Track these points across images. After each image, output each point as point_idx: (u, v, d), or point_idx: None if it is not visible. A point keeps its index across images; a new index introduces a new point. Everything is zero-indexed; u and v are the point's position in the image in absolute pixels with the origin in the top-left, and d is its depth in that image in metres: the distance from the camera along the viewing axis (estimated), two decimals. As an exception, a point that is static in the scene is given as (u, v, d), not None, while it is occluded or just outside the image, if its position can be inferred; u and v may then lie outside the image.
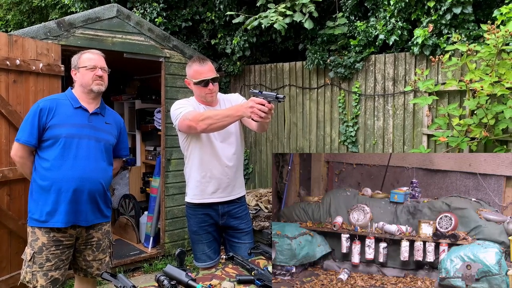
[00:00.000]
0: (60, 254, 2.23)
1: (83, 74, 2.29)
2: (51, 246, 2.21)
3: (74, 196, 2.21)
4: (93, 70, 2.29)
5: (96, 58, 2.33)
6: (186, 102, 2.36)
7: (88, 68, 2.28)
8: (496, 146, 2.77)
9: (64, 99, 2.30)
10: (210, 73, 2.33)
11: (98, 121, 2.35)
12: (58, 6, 7.06)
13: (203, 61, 2.35)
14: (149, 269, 4.14)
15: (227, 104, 2.43)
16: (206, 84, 2.31)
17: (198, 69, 2.33)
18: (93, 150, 2.28)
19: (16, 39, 2.95)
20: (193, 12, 4.77)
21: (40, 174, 2.22)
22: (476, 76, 2.65)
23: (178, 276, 1.77)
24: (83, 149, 2.24)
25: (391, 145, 3.60)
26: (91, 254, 2.37)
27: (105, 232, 2.43)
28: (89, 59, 2.31)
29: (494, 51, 2.61)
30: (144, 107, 5.18)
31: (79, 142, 2.23)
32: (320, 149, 4.15)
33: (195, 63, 2.35)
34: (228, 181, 2.41)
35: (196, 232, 2.46)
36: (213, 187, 2.39)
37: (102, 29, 3.72)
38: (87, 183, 2.24)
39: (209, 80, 2.31)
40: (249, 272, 1.97)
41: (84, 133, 2.26)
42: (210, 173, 2.37)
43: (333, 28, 3.84)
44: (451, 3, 3.11)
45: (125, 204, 5.02)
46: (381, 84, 3.65)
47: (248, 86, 4.81)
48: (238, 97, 2.51)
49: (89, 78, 2.28)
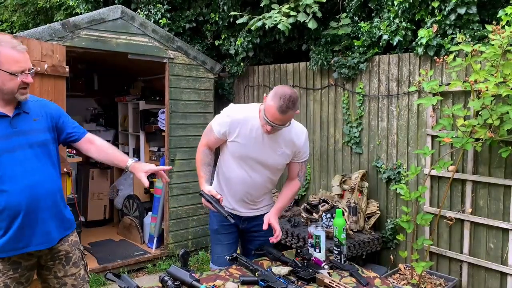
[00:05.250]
0: (19, 278, 1.87)
1: (4, 80, 1.73)
2: (8, 270, 1.84)
3: (24, 221, 1.81)
4: (20, 76, 1.75)
5: (23, 59, 1.76)
6: (228, 121, 2.19)
7: (13, 73, 1.73)
8: (501, 147, 2.75)
9: None
10: (281, 122, 2.05)
11: (24, 122, 1.85)
12: (63, 7, 7.08)
13: (285, 111, 2.00)
14: (153, 270, 4.15)
15: (286, 138, 2.20)
16: (269, 125, 2.08)
17: (275, 115, 2.01)
18: (30, 161, 1.83)
19: (21, 40, 2.97)
20: (197, 13, 4.78)
21: None
22: (481, 77, 2.63)
23: (182, 277, 1.77)
24: (17, 164, 1.79)
25: (395, 146, 3.59)
26: (61, 270, 2.00)
27: (73, 243, 2.05)
28: (15, 60, 1.73)
29: (499, 51, 2.60)
30: (148, 108, 5.19)
31: (10, 157, 1.78)
32: (324, 150, 4.15)
33: (277, 105, 1.99)
34: (252, 203, 2.35)
35: (217, 230, 2.37)
36: (233, 200, 2.33)
37: (107, 30, 3.74)
38: (36, 199, 1.83)
39: (273, 126, 2.06)
40: (253, 273, 1.97)
41: (12, 144, 1.79)
42: (233, 191, 2.31)
43: (337, 29, 3.83)
44: (455, 4, 3.10)
45: (129, 205, 5.03)
46: (385, 84, 3.64)
47: (251, 87, 4.81)
48: (300, 135, 2.26)
49: (14, 86, 1.75)
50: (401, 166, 3.54)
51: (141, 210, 4.87)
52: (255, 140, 2.19)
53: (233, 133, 2.19)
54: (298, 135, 2.25)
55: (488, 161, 3.02)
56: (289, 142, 2.23)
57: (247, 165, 2.24)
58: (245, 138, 2.19)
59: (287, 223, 3.83)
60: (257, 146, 2.19)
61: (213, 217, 2.40)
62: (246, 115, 2.19)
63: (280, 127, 2.08)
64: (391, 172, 3.58)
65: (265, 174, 2.28)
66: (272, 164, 2.26)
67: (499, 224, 2.97)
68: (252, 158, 2.22)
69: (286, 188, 2.41)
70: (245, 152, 2.21)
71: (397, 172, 3.55)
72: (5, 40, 1.75)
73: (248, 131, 2.18)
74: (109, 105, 6.08)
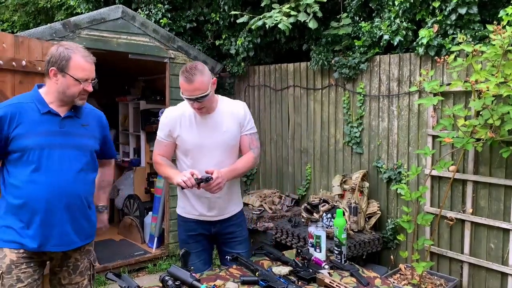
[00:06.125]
0: (33, 273, 1.88)
1: (69, 84, 1.88)
2: (22, 263, 1.86)
3: (46, 217, 1.86)
4: (83, 83, 1.89)
5: (90, 69, 1.91)
6: (166, 121, 2.28)
7: (77, 79, 1.88)
8: (501, 147, 2.75)
9: (30, 102, 1.90)
10: (196, 91, 2.10)
11: (73, 125, 1.96)
12: (63, 7, 7.09)
13: (190, 78, 2.09)
14: (154, 270, 4.15)
15: (225, 114, 2.27)
16: (191, 101, 2.15)
17: (184, 85, 2.13)
18: (68, 160, 1.91)
19: (22, 40, 2.97)
20: (197, 13, 4.78)
21: (9, 191, 1.88)
22: (482, 77, 2.63)
23: (182, 277, 1.77)
24: (55, 161, 1.88)
25: (396, 146, 3.59)
26: (66, 277, 2.00)
27: (85, 251, 2.06)
28: (82, 69, 1.88)
29: (500, 51, 2.60)
30: (149, 108, 5.19)
31: (50, 153, 1.87)
32: (325, 150, 4.15)
33: (183, 76, 2.12)
34: (220, 201, 2.28)
35: (184, 240, 2.35)
36: (202, 206, 2.28)
37: (107, 30, 3.74)
38: (63, 198, 1.88)
39: (194, 99, 2.12)
40: (253, 273, 1.97)
41: (55, 141, 1.89)
42: (197, 193, 2.24)
43: (337, 29, 3.83)
44: (456, 4, 3.10)
45: (130, 205, 5.04)
46: (386, 84, 3.64)
47: (252, 87, 4.81)
48: (239, 107, 2.33)
49: (76, 91, 1.89)
50: (401, 166, 3.54)
51: (141, 210, 4.87)
52: (197, 126, 2.25)
53: (175, 128, 2.26)
54: (236, 107, 2.33)
55: (489, 161, 3.02)
56: (229, 116, 2.28)
57: (202, 154, 2.24)
58: (187, 128, 2.25)
59: (287, 223, 3.83)
60: (202, 130, 2.24)
61: (181, 227, 2.39)
62: (180, 109, 2.30)
63: (200, 98, 2.11)
64: (392, 172, 3.58)
65: (221, 156, 2.25)
66: (224, 141, 2.26)
67: (500, 225, 2.97)
68: (204, 145, 2.23)
69: (240, 158, 2.38)
70: (194, 140, 2.24)
71: (398, 172, 3.55)
72: (78, 49, 1.91)
73: (188, 122, 2.25)
74: (109, 105, 6.07)
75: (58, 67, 1.86)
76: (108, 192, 2.37)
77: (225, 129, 2.26)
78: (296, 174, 4.44)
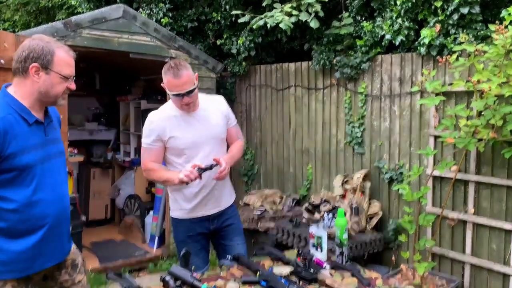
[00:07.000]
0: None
1: (53, 83, 1.66)
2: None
3: (48, 235, 1.69)
4: (67, 81, 1.71)
5: (73, 65, 1.73)
6: (152, 126, 2.25)
7: (64, 76, 1.68)
8: (504, 147, 2.74)
9: (12, 113, 1.62)
10: (185, 85, 2.11)
11: (51, 129, 1.77)
12: (65, 6, 7.10)
13: (178, 73, 2.10)
14: (154, 269, 4.14)
15: (210, 109, 2.32)
16: (181, 97, 2.15)
17: (172, 81, 2.12)
18: (57, 170, 1.76)
19: (24, 39, 2.97)
20: (199, 13, 4.78)
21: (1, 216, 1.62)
22: (484, 77, 2.62)
23: (183, 277, 1.77)
24: (51, 174, 1.72)
25: (398, 146, 3.58)
26: (69, 280, 1.89)
27: (74, 249, 1.95)
28: (68, 64, 1.70)
29: (502, 51, 2.58)
30: (150, 107, 5.18)
31: (45, 166, 1.69)
32: (326, 150, 4.14)
33: (169, 73, 2.12)
34: (216, 192, 2.32)
35: (183, 241, 2.33)
36: (196, 201, 2.30)
37: (109, 30, 3.74)
38: (63, 214, 1.77)
39: (184, 94, 2.13)
40: (254, 273, 1.97)
41: (46, 153, 1.71)
42: (190, 190, 2.26)
43: (339, 28, 3.82)
44: (458, 3, 3.08)
45: (131, 204, 5.03)
46: (388, 84, 3.63)
47: (253, 87, 4.80)
48: (221, 102, 2.41)
49: (60, 90, 1.70)
50: (403, 167, 3.53)
51: (142, 210, 4.87)
52: (188, 124, 2.26)
53: (165, 131, 2.24)
54: (218, 102, 2.42)
55: (491, 161, 3.01)
56: (215, 111, 2.35)
57: (196, 150, 2.25)
58: (178, 128, 2.25)
59: (288, 223, 3.82)
60: (193, 128, 2.26)
61: (178, 228, 2.38)
62: (165, 112, 2.30)
63: (190, 92, 2.14)
64: (393, 173, 3.57)
65: (214, 149, 2.29)
66: (216, 135, 2.32)
67: (502, 225, 2.96)
68: (198, 142, 2.25)
69: (233, 145, 2.48)
70: (188, 138, 2.25)
71: (399, 173, 3.54)
72: (58, 43, 1.72)
73: (176, 122, 2.25)
74: (110, 104, 6.08)
75: (41, 63, 1.63)
76: None
77: (215, 123, 2.32)
78: (297, 174, 4.43)
